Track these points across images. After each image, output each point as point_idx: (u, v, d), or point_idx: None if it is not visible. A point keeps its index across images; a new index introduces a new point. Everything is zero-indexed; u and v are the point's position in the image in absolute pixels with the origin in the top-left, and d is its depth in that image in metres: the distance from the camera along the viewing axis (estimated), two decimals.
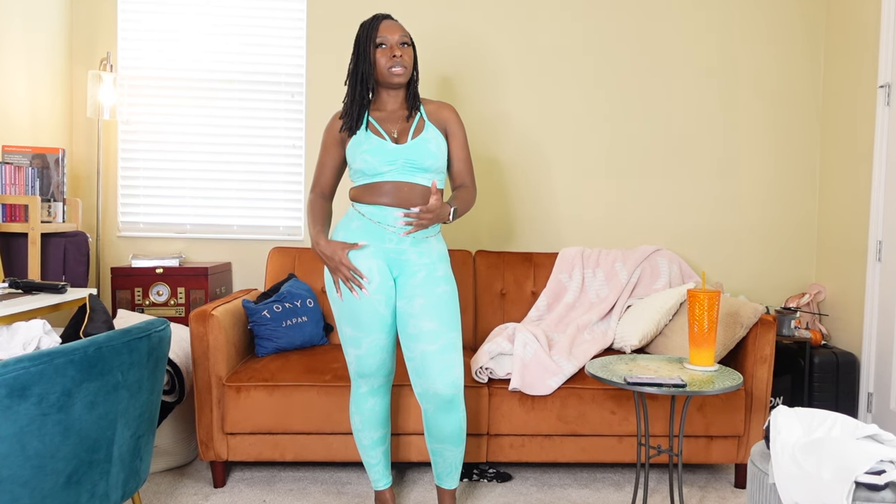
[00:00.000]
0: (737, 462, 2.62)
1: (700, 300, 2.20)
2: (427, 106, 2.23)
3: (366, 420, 2.22)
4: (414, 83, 2.21)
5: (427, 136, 2.14)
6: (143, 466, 1.89)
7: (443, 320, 2.10)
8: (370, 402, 2.21)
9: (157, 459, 2.66)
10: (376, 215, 2.12)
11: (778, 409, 1.80)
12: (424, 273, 2.13)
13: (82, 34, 3.38)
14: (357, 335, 2.12)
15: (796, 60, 3.51)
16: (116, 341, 1.67)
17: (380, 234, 2.12)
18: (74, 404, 1.58)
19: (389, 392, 2.26)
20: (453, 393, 2.10)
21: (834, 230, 3.41)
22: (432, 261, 2.15)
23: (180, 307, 3.12)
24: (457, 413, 2.14)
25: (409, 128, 2.16)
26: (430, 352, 2.08)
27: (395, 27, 2.14)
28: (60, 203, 2.96)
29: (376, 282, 2.10)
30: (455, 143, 2.24)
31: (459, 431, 2.17)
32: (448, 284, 2.15)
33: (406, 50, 2.14)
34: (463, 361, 2.17)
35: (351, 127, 2.15)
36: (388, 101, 2.20)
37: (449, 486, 2.26)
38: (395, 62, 2.11)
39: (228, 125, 3.44)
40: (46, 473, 1.55)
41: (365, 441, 2.24)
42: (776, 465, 1.68)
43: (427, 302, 2.10)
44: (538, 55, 3.46)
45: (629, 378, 2.05)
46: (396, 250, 2.13)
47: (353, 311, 2.11)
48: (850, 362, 3.10)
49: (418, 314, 2.09)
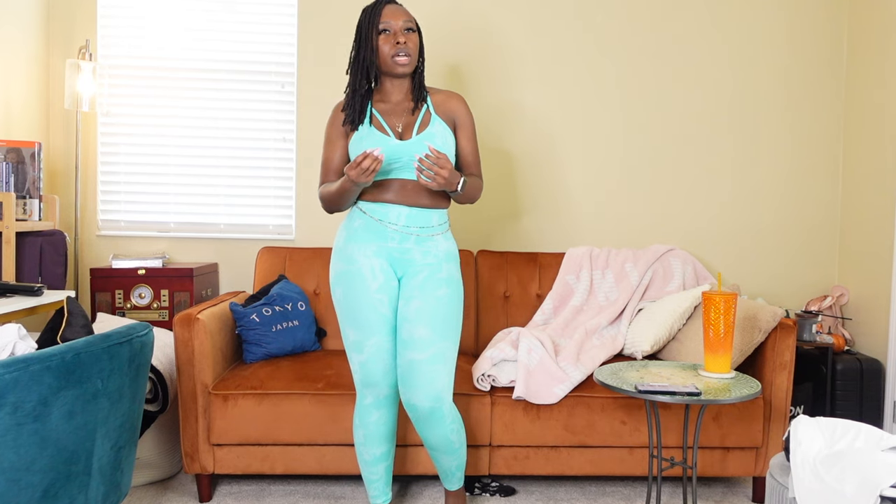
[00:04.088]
0: (754, 475, 2.62)
1: (716, 303, 2.20)
2: (434, 96, 2.24)
3: (370, 435, 2.21)
4: (420, 72, 2.22)
5: (433, 130, 2.15)
6: (125, 480, 1.89)
7: (437, 327, 2.11)
8: (375, 414, 2.20)
9: (139, 472, 2.66)
10: (379, 213, 2.14)
11: (798, 418, 1.80)
12: (426, 274, 2.15)
13: (60, 20, 3.38)
14: (359, 338, 2.13)
15: (817, 47, 3.51)
16: (96, 347, 1.67)
17: (383, 232, 2.14)
18: (51, 413, 1.58)
19: (397, 404, 2.25)
20: (432, 406, 2.11)
21: (858, 228, 3.41)
22: (437, 260, 2.17)
23: (164, 310, 3.12)
24: (440, 425, 2.15)
25: (415, 121, 2.17)
26: (416, 360, 2.09)
27: (400, 12, 2.15)
28: (36, 200, 2.96)
29: (379, 280, 2.12)
30: (463, 135, 2.25)
31: (447, 443, 2.19)
32: (450, 287, 2.16)
33: (411, 36, 2.14)
34: (453, 372, 2.17)
35: (353, 120, 2.16)
36: (392, 92, 2.21)
37: (450, 487, 2.35)
38: (399, 49, 2.11)
39: (215, 117, 3.44)
40: (21, 487, 1.55)
41: (367, 457, 2.24)
42: (796, 479, 1.68)
43: (423, 306, 2.11)
44: (552, 41, 3.46)
45: (640, 386, 2.05)
46: (400, 249, 2.15)
47: (354, 311, 2.13)
48: (875, 369, 3.10)
49: (413, 318, 2.11)
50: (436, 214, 2.19)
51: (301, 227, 3.47)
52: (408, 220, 2.15)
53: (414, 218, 2.15)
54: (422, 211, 2.16)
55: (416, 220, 2.15)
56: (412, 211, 2.15)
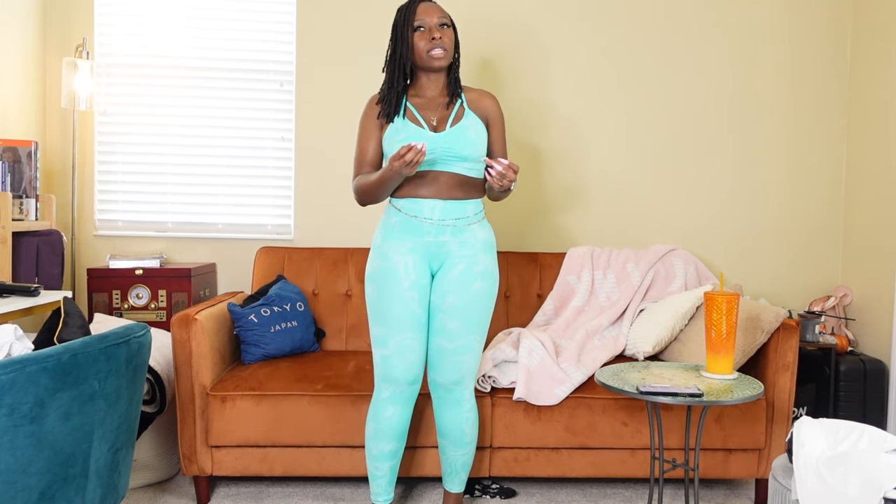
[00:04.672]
0: (757, 477, 2.62)
1: (718, 303, 2.20)
2: (468, 94, 2.31)
3: (381, 430, 2.23)
4: (455, 67, 2.28)
5: (467, 123, 2.21)
6: (122, 482, 1.89)
7: (468, 321, 2.19)
8: (390, 410, 2.23)
9: (137, 474, 2.66)
10: (413, 209, 2.19)
11: (801, 420, 1.80)
12: (463, 266, 2.20)
13: (57, 18, 3.38)
14: (385, 334, 2.18)
15: (821, 45, 3.51)
16: (93, 348, 1.67)
17: (418, 227, 2.19)
18: (48, 415, 1.58)
19: (412, 404, 2.27)
20: (453, 386, 2.24)
21: (861, 228, 3.41)
22: (474, 252, 2.22)
23: (161, 311, 3.12)
24: (458, 408, 2.25)
25: (449, 115, 2.23)
26: (445, 348, 2.21)
27: (434, 9, 2.21)
28: (33, 200, 2.96)
29: (412, 278, 2.17)
30: (495, 133, 2.32)
31: (459, 432, 2.27)
32: (485, 280, 2.22)
33: (446, 31, 2.21)
34: (479, 361, 2.29)
35: (389, 114, 2.22)
36: (427, 87, 2.27)
37: (450, 488, 2.37)
38: (435, 44, 2.18)
39: (213, 116, 3.44)
40: (18, 490, 1.55)
41: (374, 451, 2.26)
42: (799, 481, 1.68)
43: (457, 301, 2.19)
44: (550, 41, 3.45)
45: (642, 387, 2.06)
46: (437, 243, 2.20)
47: (384, 307, 2.17)
48: (879, 370, 3.10)
49: (447, 311, 2.19)
50: (470, 205, 2.23)
51: (300, 227, 3.47)
52: (442, 214, 2.19)
53: (448, 210, 2.19)
54: (456, 203, 2.20)
55: (451, 213, 2.19)
56: (446, 204, 2.19)
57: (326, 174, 3.45)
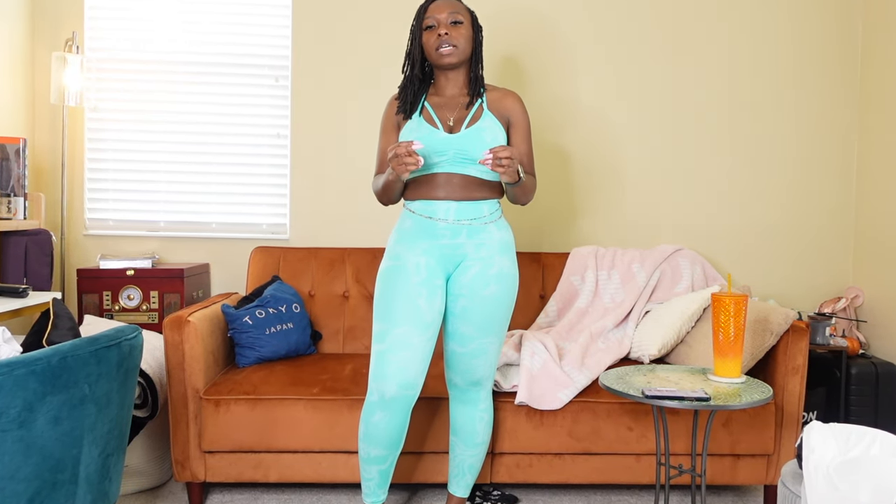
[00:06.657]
0: (766, 483, 2.62)
1: (725, 305, 2.20)
2: (490, 93, 2.29)
3: (369, 434, 2.18)
4: (475, 65, 2.27)
5: (483, 125, 2.19)
6: (113, 488, 1.89)
7: (481, 325, 2.20)
8: (378, 415, 2.14)
9: (128, 480, 2.66)
10: (428, 210, 2.19)
11: (811, 425, 1.80)
12: (477, 269, 2.20)
13: (46, 12, 3.38)
14: (384, 328, 2.14)
15: (831, 41, 3.50)
16: (83, 350, 1.67)
17: (433, 229, 2.19)
18: (36, 420, 1.58)
19: (405, 413, 2.16)
20: (469, 387, 2.28)
21: (873, 227, 3.41)
22: (490, 253, 2.21)
23: (153, 313, 3.12)
24: (473, 406, 2.30)
25: (466, 115, 2.22)
26: (457, 352, 2.25)
27: (445, 5, 2.21)
28: (21, 198, 2.96)
29: (422, 276, 2.17)
30: (518, 134, 2.29)
31: (472, 431, 2.31)
32: (499, 284, 2.21)
33: (457, 28, 2.20)
34: (495, 363, 2.30)
35: (406, 110, 2.24)
36: (446, 86, 2.27)
37: (455, 491, 2.39)
38: (442, 41, 2.17)
39: (207, 112, 3.44)
40: (6, 496, 1.55)
41: (363, 453, 2.24)
42: (809, 487, 1.68)
43: (469, 305, 2.19)
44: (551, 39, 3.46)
45: (647, 391, 2.06)
46: (452, 245, 2.19)
47: (388, 302, 2.16)
48: (891, 373, 3.10)
49: (458, 315, 2.21)
50: (486, 205, 2.22)
51: (296, 227, 3.47)
52: (457, 214, 2.18)
53: (463, 211, 2.18)
54: (471, 203, 2.19)
55: (466, 213, 2.19)
56: (461, 205, 2.18)
57: (323, 172, 3.45)
